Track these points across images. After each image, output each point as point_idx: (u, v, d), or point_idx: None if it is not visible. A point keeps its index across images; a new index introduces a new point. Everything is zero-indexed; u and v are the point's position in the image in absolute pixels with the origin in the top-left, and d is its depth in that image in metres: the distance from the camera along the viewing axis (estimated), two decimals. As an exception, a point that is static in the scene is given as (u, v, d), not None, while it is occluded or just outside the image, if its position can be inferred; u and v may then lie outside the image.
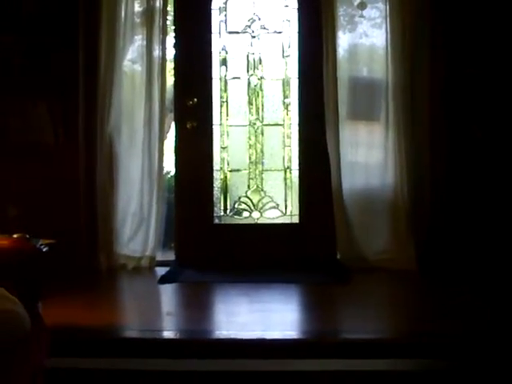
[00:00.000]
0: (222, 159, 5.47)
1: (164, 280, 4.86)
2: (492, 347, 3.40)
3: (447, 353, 3.38)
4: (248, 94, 5.46)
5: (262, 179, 5.48)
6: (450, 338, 3.48)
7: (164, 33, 5.22)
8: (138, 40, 5.27)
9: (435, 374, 3.36)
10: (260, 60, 5.45)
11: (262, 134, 5.46)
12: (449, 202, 5.06)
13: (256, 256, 5.28)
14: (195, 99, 5.35)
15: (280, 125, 5.47)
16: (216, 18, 5.42)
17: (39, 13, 5.00)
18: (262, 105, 5.45)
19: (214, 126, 5.43)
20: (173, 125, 5.58)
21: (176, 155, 5.47)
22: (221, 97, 5.44)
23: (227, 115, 5.45)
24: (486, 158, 5.05)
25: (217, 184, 5.48)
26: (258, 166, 5.48)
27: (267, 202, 5.48)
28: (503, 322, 3.64)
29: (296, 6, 5.40)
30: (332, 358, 3.41)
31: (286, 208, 5.48)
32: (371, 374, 3.35)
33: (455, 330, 3.57)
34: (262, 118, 5.46)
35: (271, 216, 5.49)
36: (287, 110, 5.45)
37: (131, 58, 5.28)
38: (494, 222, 4.98)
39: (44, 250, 3.75)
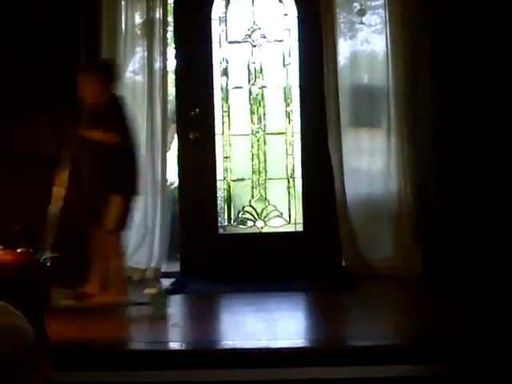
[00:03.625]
0: (225, 169, 5.46)
1: (169, 291, 4.85)
2: (499, 351, 3.38)
3: (454, 358, 3.37)
4: (250, 103, 5.46)
5: (265, 188, 5.48)
6: (457, 343, 3.47)
7: (164, 44, 5.24)
8: (139, 51, 5.29)
9: (443, 379, 3.34)
10: (261, 69, 5.45)
11: (265, 142, 5.46)
12: (453, 207, 5.04)
13: (261, 265, 5.26)
14: (197, 110, 5.35)
15: (282, 133, 5.47)
16: (216, 28, 5.43)
17: (39, 26, 5.02)
18: (264, 114, 5.45)
19: (216, 136, 5.43)
20: (175, 136, 5.58)
21: (179, 166, 5.48)
22: (222, 107, 5.44)
23: (229, 125, 5.45)
24: (490, 164, 5.04)
25: (220, 194, 5.48)
26: (261, 175, 5.47)
27: (271, 211, 5.47)
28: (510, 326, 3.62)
29: (296, 14, 5.40)
30: (340, 366, 3.39)
31: (290, 216, 5.47)
32: (379, 380, 3.33)
33: (462, 335, 3.55)
34: (264, 127, 5.46)
35: (275, 225, 5.48)
36: (289, 119, 5.45)
37: (133, 69, 5.29)
38: (499, 227, 4.96)
39: (48, 264, 3.75)
